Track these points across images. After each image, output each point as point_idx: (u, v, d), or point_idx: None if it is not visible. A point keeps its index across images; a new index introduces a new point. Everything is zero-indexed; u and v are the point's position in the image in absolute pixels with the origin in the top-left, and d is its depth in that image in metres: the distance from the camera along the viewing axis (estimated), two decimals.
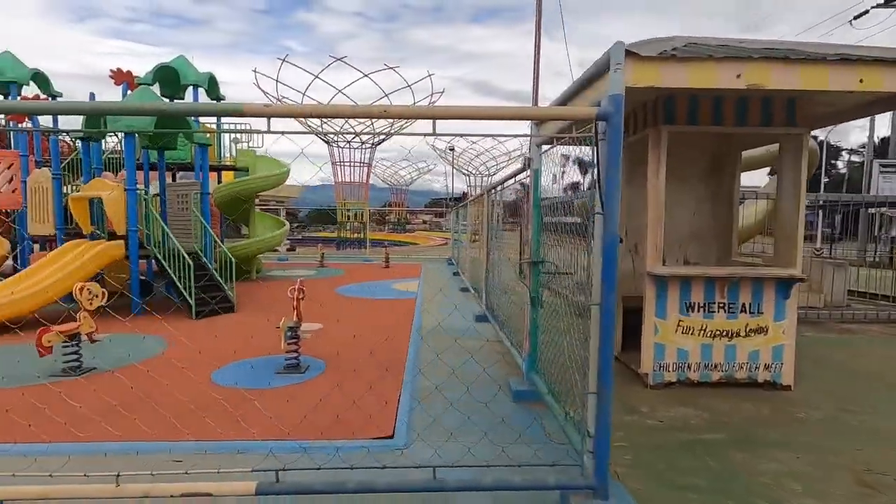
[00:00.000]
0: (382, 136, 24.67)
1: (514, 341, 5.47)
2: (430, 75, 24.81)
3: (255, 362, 5.27)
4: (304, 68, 24.07)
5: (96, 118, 7.97)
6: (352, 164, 26.54)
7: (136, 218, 7.65)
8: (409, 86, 24.01)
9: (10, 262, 9.69)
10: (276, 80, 23.22)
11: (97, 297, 5.05)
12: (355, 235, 26.94)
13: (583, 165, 3.77)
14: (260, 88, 24.53)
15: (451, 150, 39.97)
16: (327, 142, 26.34)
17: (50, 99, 11.80)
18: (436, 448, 3.20)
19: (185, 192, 9.00)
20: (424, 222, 56.12)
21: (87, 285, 5.05)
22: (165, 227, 7.80)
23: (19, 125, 11.82)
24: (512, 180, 5.73)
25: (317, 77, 23.08)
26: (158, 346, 5.93)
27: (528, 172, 4.34)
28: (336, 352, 5.56)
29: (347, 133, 22.51)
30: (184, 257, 7.55)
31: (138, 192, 7.79)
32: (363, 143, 26.30)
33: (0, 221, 13.17)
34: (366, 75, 23.35)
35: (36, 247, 11.23)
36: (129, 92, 13.16)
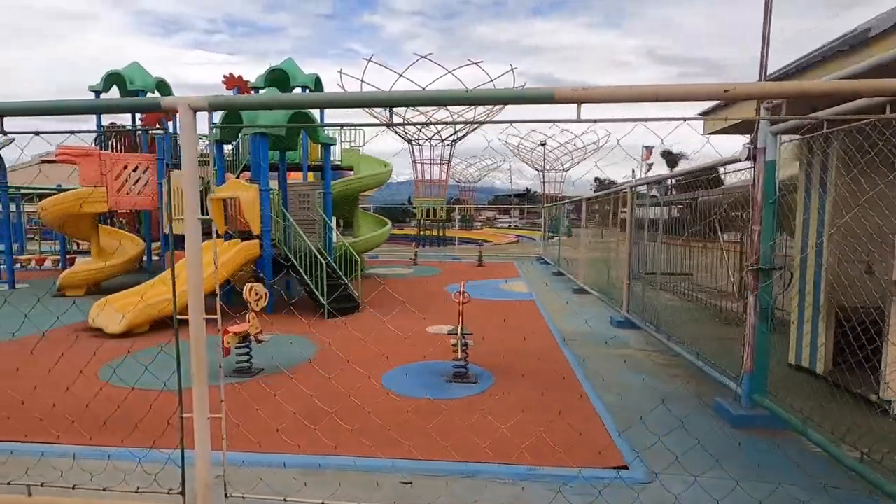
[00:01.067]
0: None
1: (701, 354, 4.90)
2: (512, 69, 24.23)
3: (417, 368, 5.06)
4: (390, 68, 24.34)
5: (232, 122, 8.17)
6: (431, 161, 26.52)
7: (271, 218, 7.76)
8: (491, 80, 23.55)
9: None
10: (362, 81, 23.57)
11: (262, 297, 5.04)
12: (434, 233, 26.94)
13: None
14: (343, 89, 25.02)
15: (542, 144, 38.94)
16: (408, 140, 26.47)
17: None
18: (685, 484, 2.77)
19: (307, 191, 9.09)
20: (487, 219, 55.49)
21: (255, 286, 5.05)
22: (297, 228, 7.87)
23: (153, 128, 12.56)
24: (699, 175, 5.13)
25: (401, 76, 23.18)
26: (307, 348, 5.89)
27: (749, 165, 3.76)
28: (493, 359, 5.24)
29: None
30: (315, 257, 7.58)
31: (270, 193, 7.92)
32: (443, 139, 26.19)
33: (128, 221, 14.17)
34: (449, 72, 23.16)
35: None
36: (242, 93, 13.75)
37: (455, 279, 12.55)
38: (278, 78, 11.60)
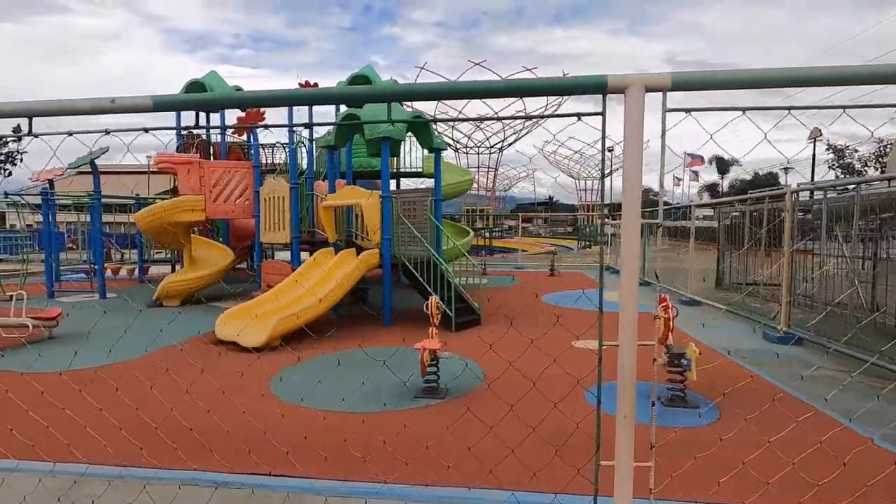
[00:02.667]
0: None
1: None
2: (564, 74, 23.81)
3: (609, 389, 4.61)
4: (441, 75, 24.16)
5: (346, 129, 7.92)
6: (479, 168, 26.24)
7: (391, 226, 7.46)
8: None
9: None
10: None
11: (440, 311, 4.68)
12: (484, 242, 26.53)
13: None
14: None
15: (610, 150, 38.32)
16: (456, 148, 26.25)
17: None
18: None
19: (414, 199, 8.77)
20: (510, 228, 55.04)
21: (435, 300, 4.70)
22: (420, 237, 7.54)
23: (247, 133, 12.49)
24: None
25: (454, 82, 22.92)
26: (461, 364, 5.49)
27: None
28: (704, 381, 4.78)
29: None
30: (432, 266, 7.24)
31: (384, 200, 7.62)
32: (490, 147, 25.90)
33: (202, 230, 14.06)
34: (502, 78, 22.88)
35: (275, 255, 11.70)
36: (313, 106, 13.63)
37: (538, 289, 12.09)
38: (361, 84, 11.44)
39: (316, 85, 13.47)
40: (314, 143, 9.97)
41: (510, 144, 25.58)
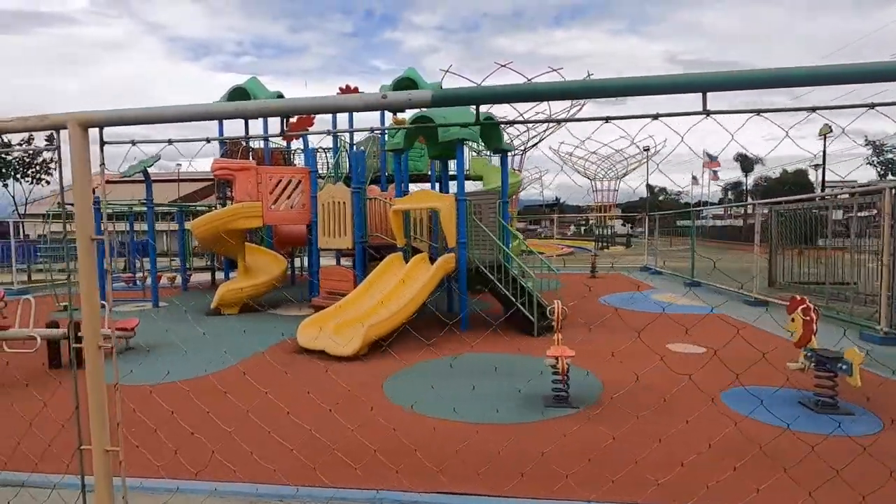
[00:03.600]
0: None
1: None
2: (589, 75, 23.71)
3: (755, 396, 4.42)
4: (469, 79, 24.08)
5: (416, 131, 7.79)
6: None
7: (466, 229, 7.31)
8: None
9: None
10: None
11: (565, 316, 4.52)
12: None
13: None
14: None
15: (646, 150, 38.25)
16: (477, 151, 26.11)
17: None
18: None
19: (479, 201, 8.61)
20: (519, 230, 54.85)
21: (560, 305, 4.54)
22: (497, 240, 7.39)
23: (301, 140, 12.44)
24: None
25: (478, 85, 22.87)
26: (582, 371, 5.32)
27: None
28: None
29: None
30: (505, 270, 7.10)
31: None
32: (514, 149, 25.74)
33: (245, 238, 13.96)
34: (529, 80, 22.79)
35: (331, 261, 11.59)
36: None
37: (596, 293, 11.86)
38: (407, 87, 11.34)
39: (357, 89, 13.41)
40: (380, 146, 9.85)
41: (534, 146, 25.51)
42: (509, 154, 24.30)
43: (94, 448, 1.95)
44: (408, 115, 10.19)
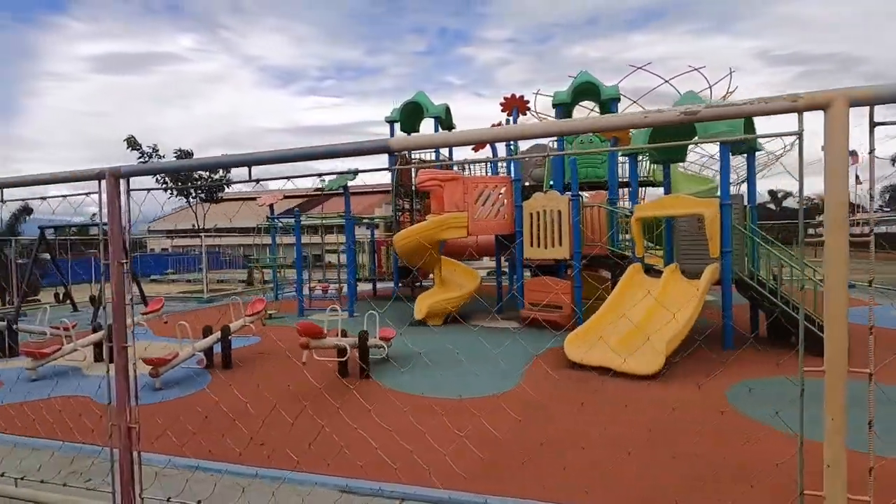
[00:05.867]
0: None
1: None
2: (731, 72, 21.99)
3: None
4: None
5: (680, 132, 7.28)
6: None
7: (731, 237, 6.61)
8: (709, 86, 21.51)
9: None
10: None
11: None
12: None
13: None
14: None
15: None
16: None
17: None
18: None
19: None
20: None
21: None
22: (771, 250, 6.62)
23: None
24: None
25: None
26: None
27: None
28: None
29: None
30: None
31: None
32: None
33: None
34: (666, 81, 21.55)
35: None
36: (520, 117, 13.35)
37: None
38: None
39: (521, 98, 13.20)
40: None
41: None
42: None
43: None
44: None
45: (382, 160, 12.18)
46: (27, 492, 2.83)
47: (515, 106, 13.01)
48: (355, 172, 10.59)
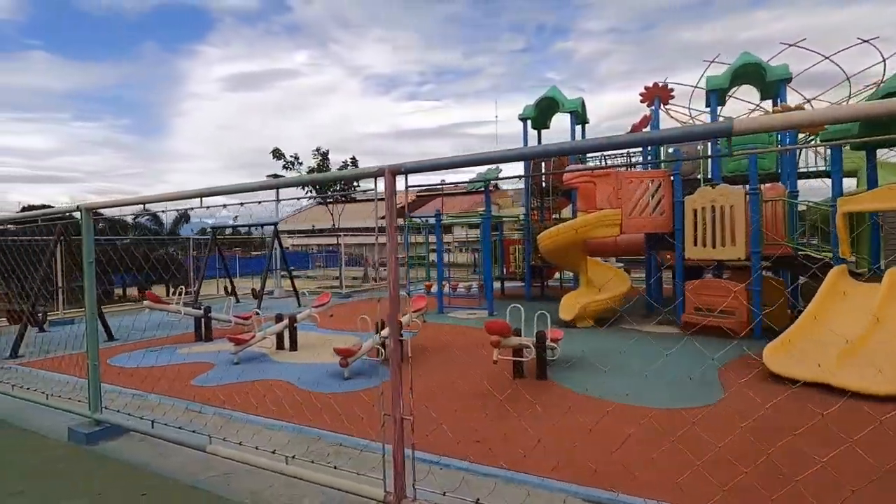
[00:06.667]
0: None
1: None
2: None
3: None
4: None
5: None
6: None
7: None
8: (883, 60, 18.40)
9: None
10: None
11: None
12: None
13: None
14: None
15: None
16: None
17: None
18: None
19: None
20: None
21: None
22: None
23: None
24: None
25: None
26: None
27: None
28: None
29: None
30: None
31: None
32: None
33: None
34: (827, 58, 18.84)
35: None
36: (661, 106, 12.43)
37: None
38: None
39: (665, 86, 12.27)
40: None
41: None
42: None
43: None
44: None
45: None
46: (296, 469, 3.03)
47: (657, 95, 12.15)
48: (499, 170, 10.52)
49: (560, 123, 15.44)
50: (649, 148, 11.58)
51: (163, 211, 4.21)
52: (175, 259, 20.10)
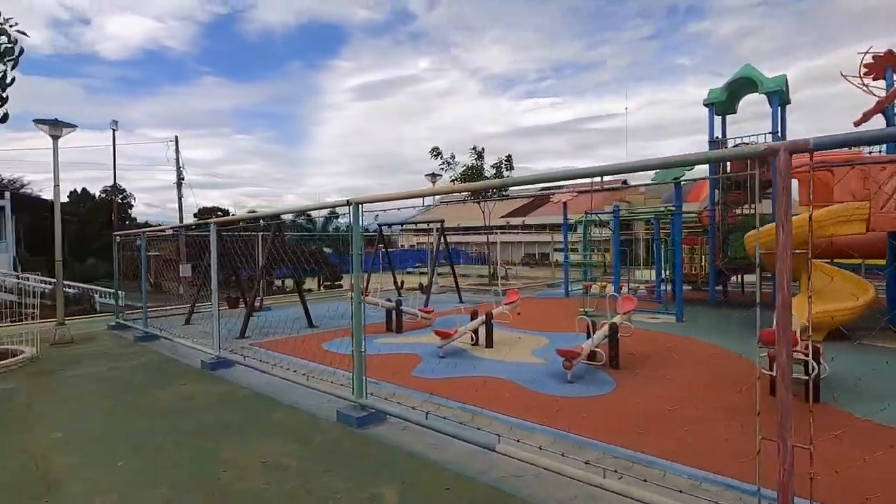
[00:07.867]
0: None
1: None
2: None
3: None
4: None
5: None
6: None
7: None
8: None
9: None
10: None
11: None
12: None
13: None
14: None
15: None
16: None
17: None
18: None
19: None
20: None
21: None
22: None
23: None
24: None
25: None
26: None
27: None
28: None
29: None
30: None
31: None
32: None
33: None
34: None
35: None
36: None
37: None
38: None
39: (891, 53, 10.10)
40: None
41: None
42: None
43: None
44: None
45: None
46: (623, 487, 2.71)
47: (889, 65, 10.06)
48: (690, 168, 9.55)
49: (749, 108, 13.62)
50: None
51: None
52: (323, 254, 22.77)
